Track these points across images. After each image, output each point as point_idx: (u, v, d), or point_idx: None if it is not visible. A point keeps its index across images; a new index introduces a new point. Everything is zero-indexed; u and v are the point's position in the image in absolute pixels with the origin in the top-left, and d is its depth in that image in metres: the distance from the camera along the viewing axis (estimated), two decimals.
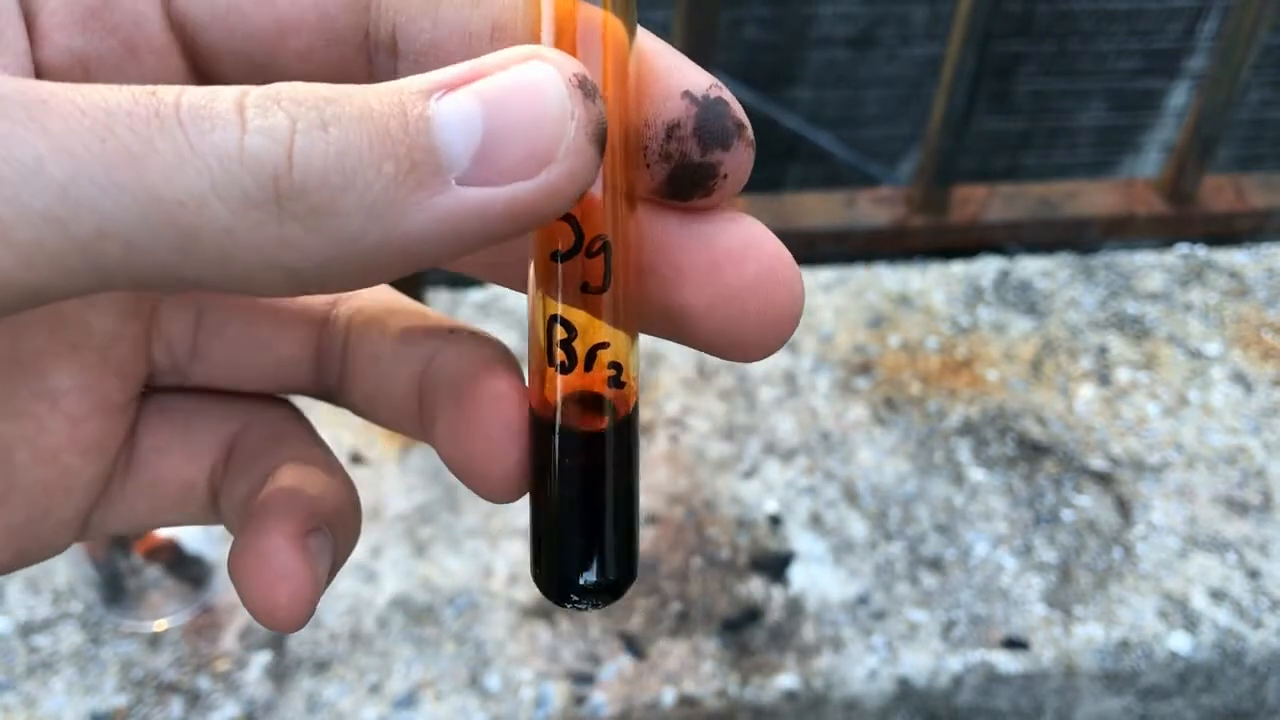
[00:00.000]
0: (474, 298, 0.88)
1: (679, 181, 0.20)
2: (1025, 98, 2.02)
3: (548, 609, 0.70)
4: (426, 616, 0.69)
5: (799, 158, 2.01)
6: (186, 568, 0.68)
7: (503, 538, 0.73)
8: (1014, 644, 0.71)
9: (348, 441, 0.77)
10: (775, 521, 0.75)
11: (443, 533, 0.73)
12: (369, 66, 0.21)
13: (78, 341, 0.23)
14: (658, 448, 0.78)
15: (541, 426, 0.21)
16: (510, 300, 0.87)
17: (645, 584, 0.71)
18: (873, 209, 0.89)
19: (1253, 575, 0.75)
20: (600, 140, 0.18)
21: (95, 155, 0.16)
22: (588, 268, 0.20)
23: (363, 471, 0.76)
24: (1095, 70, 2.00)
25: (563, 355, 0.20)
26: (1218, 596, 0.74)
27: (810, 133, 1.98)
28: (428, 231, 0.17)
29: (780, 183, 2.06)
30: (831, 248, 0.89)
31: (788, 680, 0.68)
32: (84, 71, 0.21)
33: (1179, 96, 2.05)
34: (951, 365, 0.86)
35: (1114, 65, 2.00)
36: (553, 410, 0.21)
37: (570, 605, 0.21)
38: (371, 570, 0.71)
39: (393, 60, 0.21)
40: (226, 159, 0.17)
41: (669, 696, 0.67)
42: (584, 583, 0.21)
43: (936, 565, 0.74)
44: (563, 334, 0.20)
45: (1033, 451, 0.81)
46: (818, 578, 0.73)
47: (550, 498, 0.21)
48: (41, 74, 0.21)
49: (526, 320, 0.21)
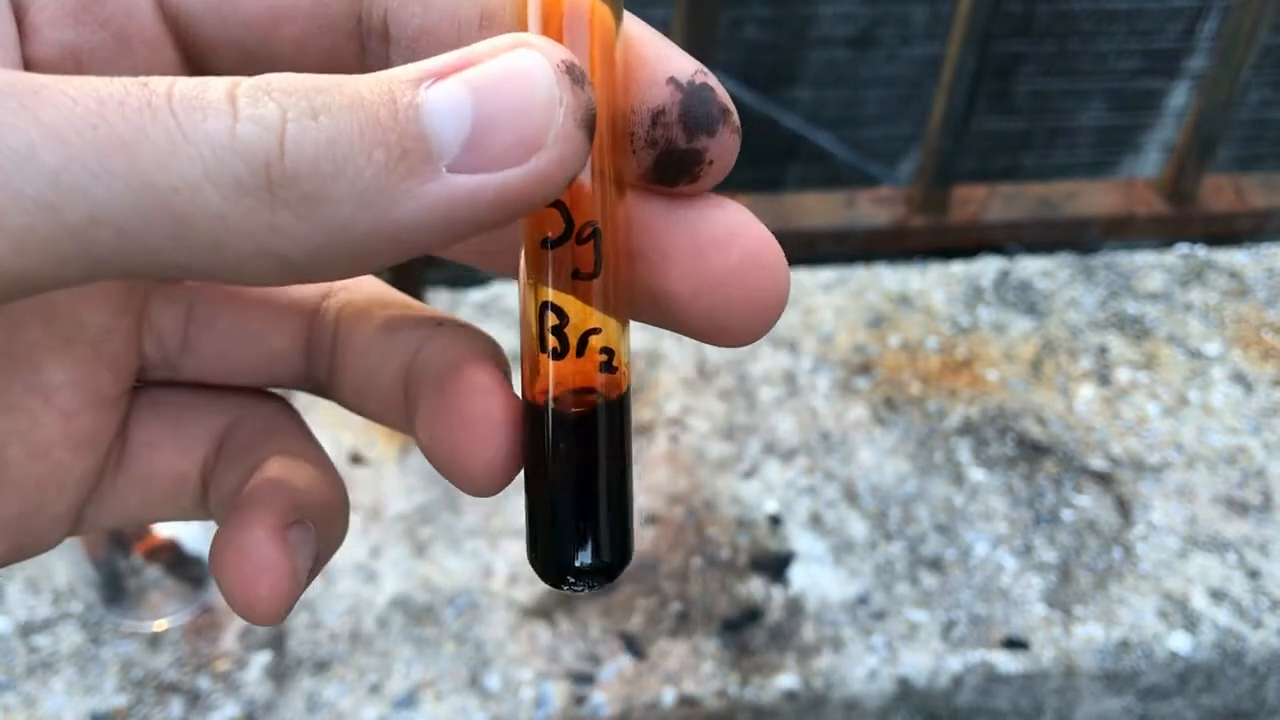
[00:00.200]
0: (474, 298, 0.88)
1: (665, 167, 0.20)
2: (1025, 98, 2.02)
3: (548, 609, 0.70)
4: (426, 616, 0.69)
5: (799, 158, 2.01)
6: (186, 568, 0.68)
7: (503, 538, 0.73)
8: (1014, 644, 0.71)
9: (348, 441, 0.77)
10: (775, 521, 0.75)
11: (443, 533, 0.73)
12: (361, 54, 0.22)
13: (71, 336, 0.23)
14: (658, 448, 0.78)
15: (534, 412, 0.21)
16: (510, 300, 0.87)
17: (645, 584, 0.71)
18: (873, 209, 0.89)
19: (1253, 575, 0.75)
20: (589, 126, 0.18)
21: (87, 142, 0.16)
22: (578, 254, 0.20)
23: (363, 471, 0.76)
24: (1095, 70, 2.00)
25: (554, 341, 0.20)
26: (1218, 596, 0.74)
27: (810, 133, 1.98)
28: (418, 219, 0.18)
29: (780, 183, 2.06)
30: (831, 248, 0.89)
31: (788, 680, 0.68)
32: (76, 65, 0.21)
33: (1179, 96, 2.05)
34: (951, 365, 0.86)
35: (1114, 65, 2.00)
36: (545, 396, 0.21)
37: (567, 587, 0.21)
38: (371, 570, 0.71)
39: (384, 47, 0.21)
40: (219, 146, 0.17)
41: (669, 696, 0.67)
42: (579, 565, 0.21)
43: (936, 565, 0.74)
44: (554, 320, 0.20)
45: (1033, 451, 0.81)
46: (818, 578, 0.73)
47: (544, 482, 0.21)
48: (33, 69, 0.21)
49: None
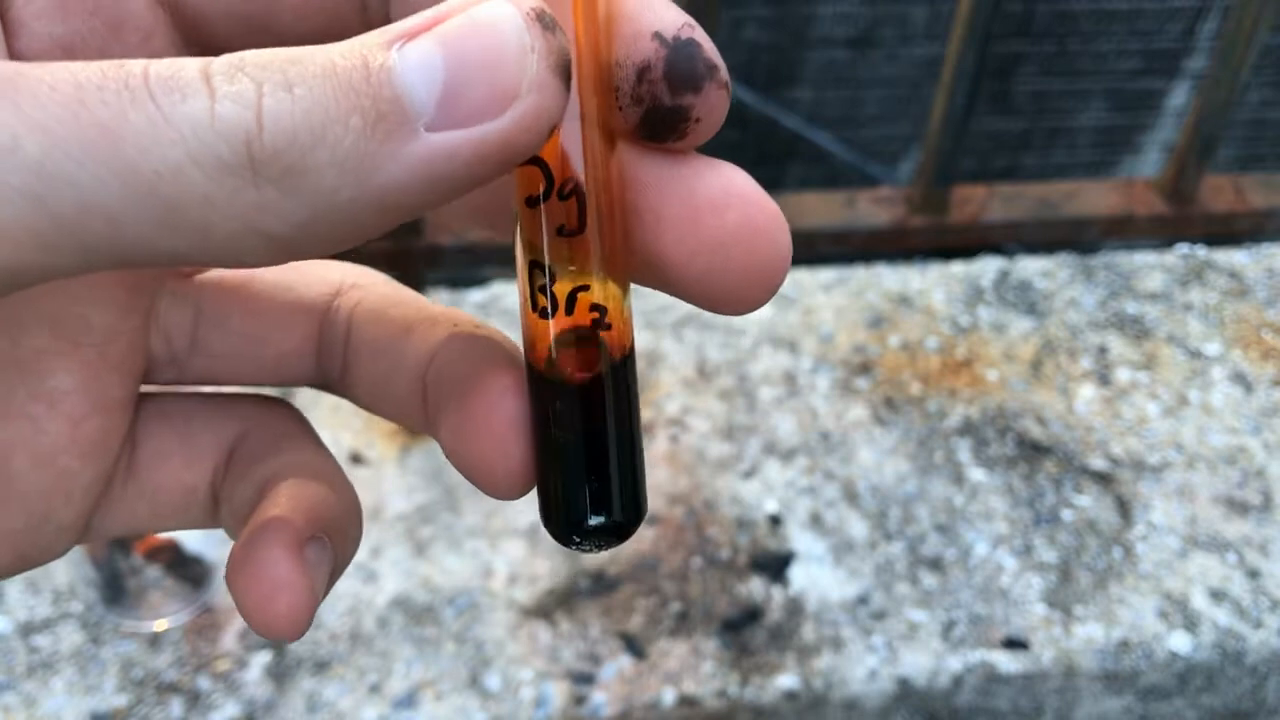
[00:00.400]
0: (474, 298, 0.88)
1: (651, 124, 0.20)
2: (1025, 98, 2.02)
3: (548, 609, 0.70)
4: (426, 616, 0.69)
5: (799, 158, 2.01)
6: (187, 568, 0.68)
7: (503, 538, 0.73)
8: (1014, 644, 0.71)
9: (347, 442, 0.77)
10: (775, 521, 0.75)
11: (443, 533, 0.73)
12: (364, 15, 0.21)
13: (78, 339, 0.23)
14: (658, 448, 0.78)
15: (535, 374, 0.21)
16: (510, 300, 0.87)
17: (645, 584, 0.71)
18: (873, 209, 0.89)
19: (1253, 575, 0.75)
20: (564, 72, 0.18)
21: (69, 130, 0.16)
22: (563, 210, 0.20)
23: (363, 471, 0.76)
24: (1095, 70, 2.00)
25: (543, 300, 0.20)
26: (1218, 596, 0.74)
27: (810, 133, 1.98)
28: (401, 181, 0.17)
29: (780, 183, 2.06)
30: (831, 248, 0.89)
31: (788, 680, 0.68)
32: (67, 56, 0.21)
33: (1179, 96, 2.05)
34: (951, 365, 0.86)
35: (1114, 65, 2.00)
36: (543, 358, 0.21)
37: (576, 547, 0.21)
38: (371, 570, 0.71)
39: (385, 6, 0.21)
40: (199, 127, 0.17)
41: (669, 696, 0.67)
42: (591, 525, 0.21)
43: (936, 565, 0.74)
44: (542, 279, 0.20)
45: (1033, 451, 0.81)
46: (818, 578, 0.73)
47: (550, 446, 0.21)
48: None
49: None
